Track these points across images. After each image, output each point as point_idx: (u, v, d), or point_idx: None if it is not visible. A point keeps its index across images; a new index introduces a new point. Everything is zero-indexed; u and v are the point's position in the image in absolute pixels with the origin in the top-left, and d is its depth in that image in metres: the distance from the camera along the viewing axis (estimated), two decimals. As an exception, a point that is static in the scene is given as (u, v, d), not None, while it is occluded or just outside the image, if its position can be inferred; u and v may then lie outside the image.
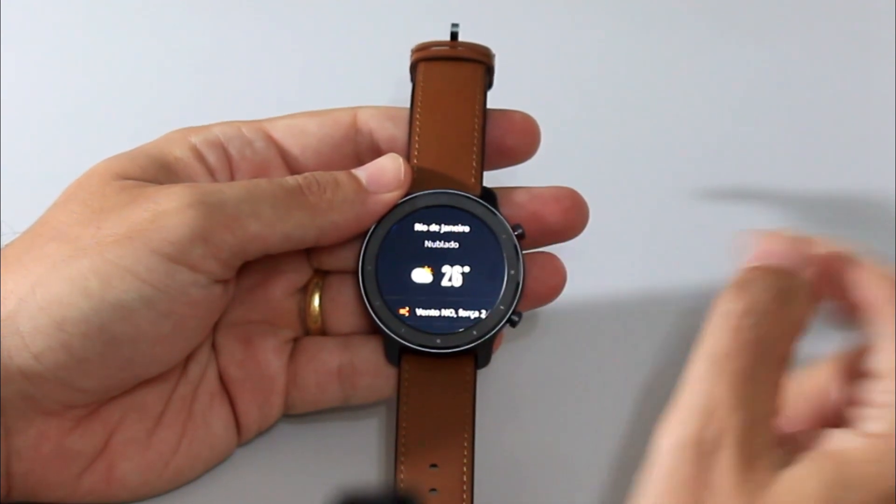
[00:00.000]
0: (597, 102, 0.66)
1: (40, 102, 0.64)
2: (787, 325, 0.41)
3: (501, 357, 0.52)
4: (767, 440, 0.40)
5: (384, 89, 0.60)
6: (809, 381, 0.44)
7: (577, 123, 0.64)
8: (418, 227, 0.50)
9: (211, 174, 0.49)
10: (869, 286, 0.42)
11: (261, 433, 0.51)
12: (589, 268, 0.54)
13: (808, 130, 0.66)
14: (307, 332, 0.51)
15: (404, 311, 0.49)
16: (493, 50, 0.52)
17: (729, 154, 0.65)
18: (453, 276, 0.49)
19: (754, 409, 0.40)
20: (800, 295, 0.42)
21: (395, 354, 0.49)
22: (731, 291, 0.41)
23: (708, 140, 0.65)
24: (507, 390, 0.53)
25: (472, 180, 0.50)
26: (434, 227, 0.50)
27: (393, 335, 0.49)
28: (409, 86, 0.52)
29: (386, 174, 0.49)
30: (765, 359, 0.40)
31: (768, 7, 0.71)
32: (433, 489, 0.47)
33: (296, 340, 0.51)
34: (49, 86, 0.65)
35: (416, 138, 0.50)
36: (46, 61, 0.66)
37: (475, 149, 0.50)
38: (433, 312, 0.49)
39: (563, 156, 0.57)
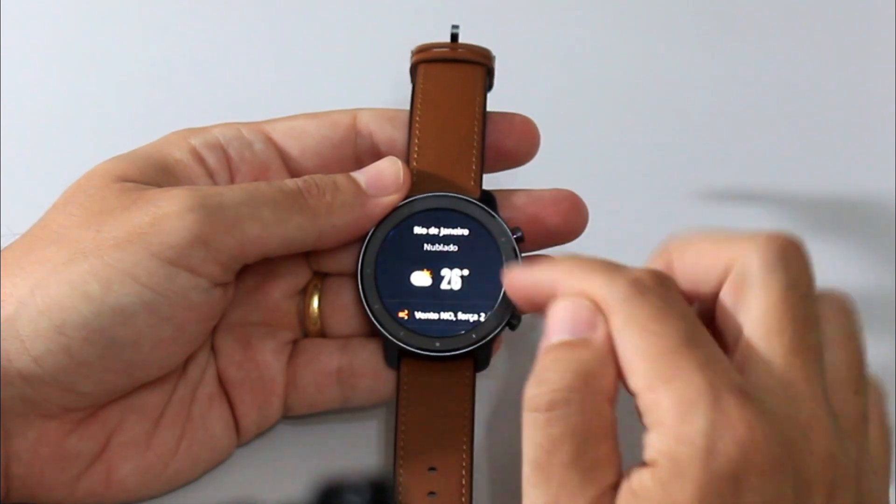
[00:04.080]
0: (596, 104, 0.66)
1: (40, 103, 0.64)
2: (597, 397, 0.39)
3: (501, 360, 0.52)
4: None
5: (384, 91, 0.60)
6: None
7: (576, 125, 0.64)
8: (417, 230, 0.50)
9: (210, 176, 0.49)
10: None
11: (260, 434, 0.51)
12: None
13: (808, 130, 0.66)
14: (306, 334, 0.51)
15: (403, 315, 0.49)
16: (494, 52, 0.52)
17: (729, 154, 0.65)
18: (452, 279, 0.49)
19: (589, 492, 0.38)
20: (597, 362, 0.39)
21: (395, 357, 0.49)
22: (532, 386, 0.39)
23: (707, 140, 0.65)
24: (507, 393, 0.53)
25: (472, 183, 0.50)
26: (433, 231, 0.50)
27: (392, 338, 0.49)
28: (409, 87, 0.52)
29: (385, 177, 0.49)
30: (586, 439, 0.38)
31: (768, 7, 0.71)
32: (432, 492, 0.47)
33: (295, 342, 0.51)
34: (49, 86, 0.65)
35: (416, 140, 0.50)
36: (46, 61, 0.66)
37: (475, 151, 0.50)
38: (432, 315, 0.49)
39: (563, 158, 0.57)
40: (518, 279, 0.44)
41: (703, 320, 0.40)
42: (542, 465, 0.39)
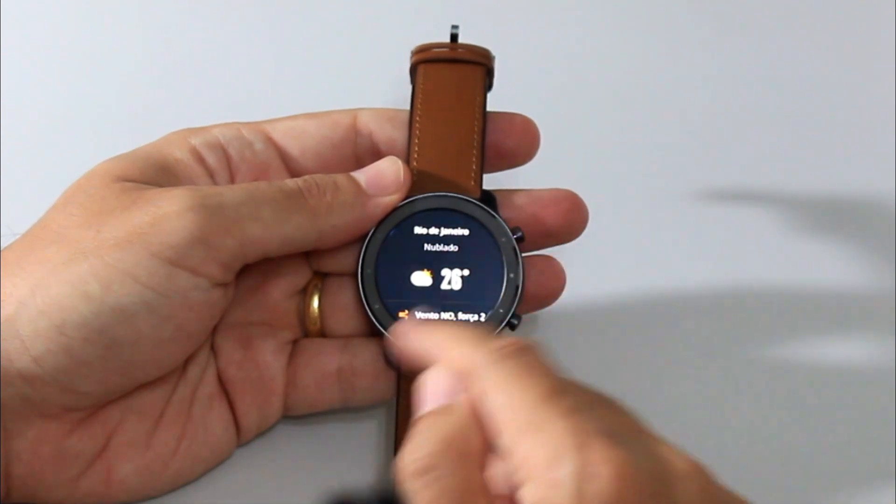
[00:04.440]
0: (596, 103, 0.66)
1: (40, 103, 0.64)
2: (465, 458, 0.40)
3: (501, 360, 0.52)
4: None
5: (384, 91, 0.60)
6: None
7: (576, 125, 0.64)
8: (418, 230, 0.50)
9: (210, 176, 0.49)
10: (462, 376, 0.42)
11: (260, 434, 0.51)
12: (588, 270, 0.54)
13: (808, 130, 0.66)
14: (306, 334, 0.51)
15: (404, 315, 0.49)
16: (494, 52, 0.52)
17: (729, 154, 0.65)
18: (453, 279, 0.49)
19: None
20: (462, 426, 0.40)
21: (395, 357, 0.49)
22: (404, 456, 0.40)
23: (707, 140, 0.65)
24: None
25: (472, 183, 0.50)
26: (433, 231, 0.50)
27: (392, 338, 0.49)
28: (409, 87, 0.52)
29: (385, 177, 0.49)
30: (460, 500, 0.39)
31: (768, 7, 0.72)
32: (432, 492, 0.47)
33: (295, 342, 0.51)
34: (49, 86, 0.65)
35: (416, 140, 0.50)
36: (46, 61, 0.66)
37: (475, 151, 0.50)
38: (432, 316, 0.49)
39: (563, 158, 0.57)
40: (402, 346, 0.45)
41: None
42: None
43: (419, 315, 0.49)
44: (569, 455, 0.37)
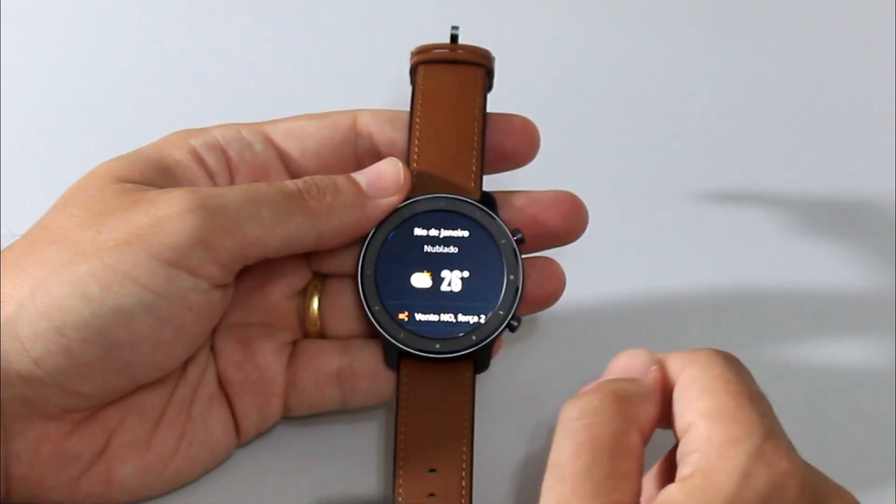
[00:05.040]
0: (596, 105, 0.66)
1: (40, 103, 0.64)
2: (628, 421, 0.42)
3: (501, 361, 0.52)
4: None
5: (384, 92, 0.60)
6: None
7: (576, 126, 0.64)
8: (418, 231, 0.50)
9: (210, 177, 0.49)
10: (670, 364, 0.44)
11: (260, 435, 0.51)
12: (588, 272, 0.54)
13: (808, 130, 0.66)
14: (306, 335, 0.51)
15: (403, 316, 0.49)
16: (493, 53, 0.52)
17: (728, 155, 0.65)
18: (453, 280, 0.49)
19: (598, 502, 0.40)
20: (638, 393, 0.43)
21: (395, 359, 0.49)
22: (570, 400, 0.43)
23: (707, 141, 0.65)
24: (507, 395, 0.53)
25: (472, 184, 0.50)
26: (433, 232, 0.50)
27: (392, 340, 0.49)
28: (409, 88, 0.52)
29: (385, 178, 0.49)
30: (608, 451, 0.41)
31: (768, 7, 0.71)
32: (432, 494, 0.47)
33: (295, 343, 0.51)
34: (49, 86, 0.65)
35: (416, 142, 0.50)
36: (46, 61, 0.66)
37: (475, 153, 0.50)
38: (432, 317, 0.49)
39: (563, 159, 0.57)
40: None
41: None
42: (560, 467, 0.41)
43: (418, 317, 0.49)
44: (753, 441, 0.40)
